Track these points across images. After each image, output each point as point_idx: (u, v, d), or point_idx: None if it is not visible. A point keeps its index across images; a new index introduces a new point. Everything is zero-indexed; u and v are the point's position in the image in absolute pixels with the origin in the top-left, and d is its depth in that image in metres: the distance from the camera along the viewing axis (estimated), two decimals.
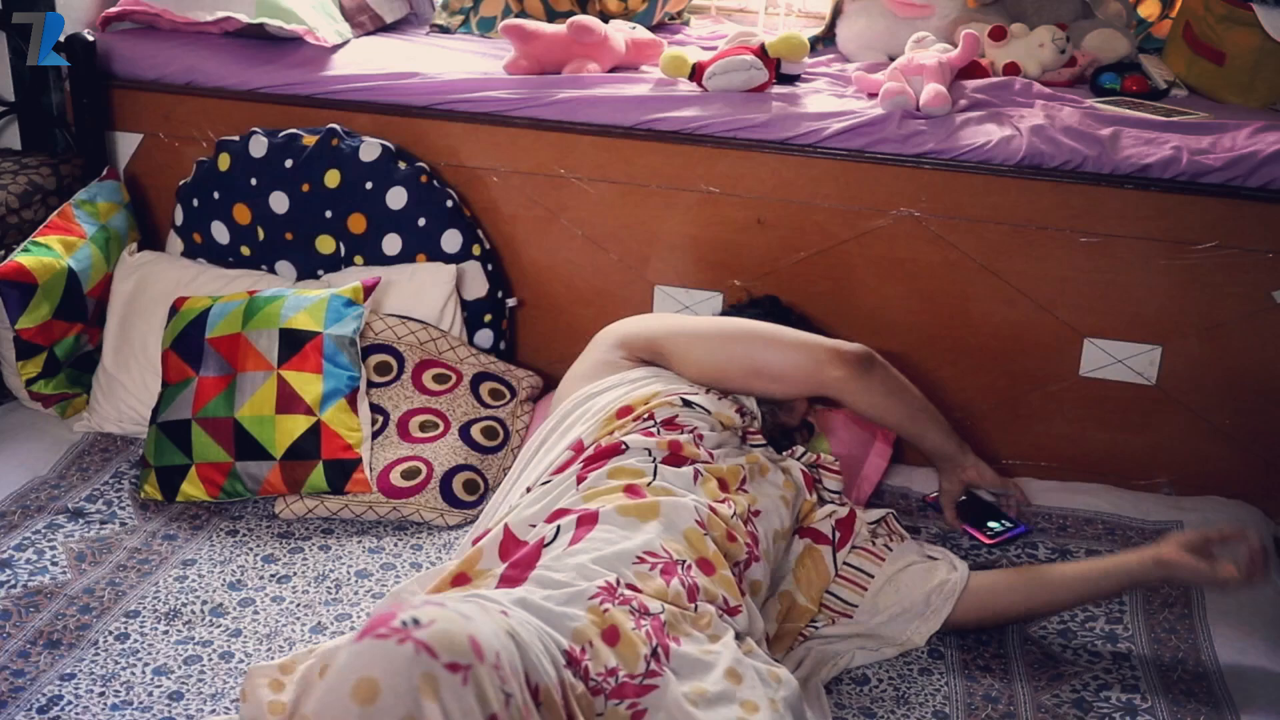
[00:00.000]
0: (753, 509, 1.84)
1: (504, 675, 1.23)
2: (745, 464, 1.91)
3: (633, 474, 1.76)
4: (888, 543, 1.99)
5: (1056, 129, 2.41)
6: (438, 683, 1.16)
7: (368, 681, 1.15)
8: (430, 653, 1.17)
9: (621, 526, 1.65)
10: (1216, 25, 2.68)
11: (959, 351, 2.50)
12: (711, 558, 1.67)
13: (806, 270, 2.51)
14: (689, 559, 1.64)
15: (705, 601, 1.61)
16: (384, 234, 2.54)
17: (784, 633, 1.90)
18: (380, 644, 1.18)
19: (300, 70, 2.68)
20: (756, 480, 1.92)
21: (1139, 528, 2.30)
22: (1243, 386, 2.39)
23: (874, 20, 2.91)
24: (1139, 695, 1.85)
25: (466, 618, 1.24)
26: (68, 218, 2.53)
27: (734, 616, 1.64)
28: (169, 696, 1.78)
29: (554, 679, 1.33)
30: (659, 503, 1.69)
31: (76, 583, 2.01)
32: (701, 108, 2.50)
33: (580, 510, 1.67)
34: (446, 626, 1.20)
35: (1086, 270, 2.38)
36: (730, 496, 1.82)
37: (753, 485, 1.90)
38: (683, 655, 1.50)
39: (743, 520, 1.79)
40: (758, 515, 1.84)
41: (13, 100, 2.73)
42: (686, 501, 1.72)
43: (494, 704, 1.20)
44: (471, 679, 1.19)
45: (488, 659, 1.21)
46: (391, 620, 1.20)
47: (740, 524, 1.78)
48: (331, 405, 2.26)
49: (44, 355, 2.45)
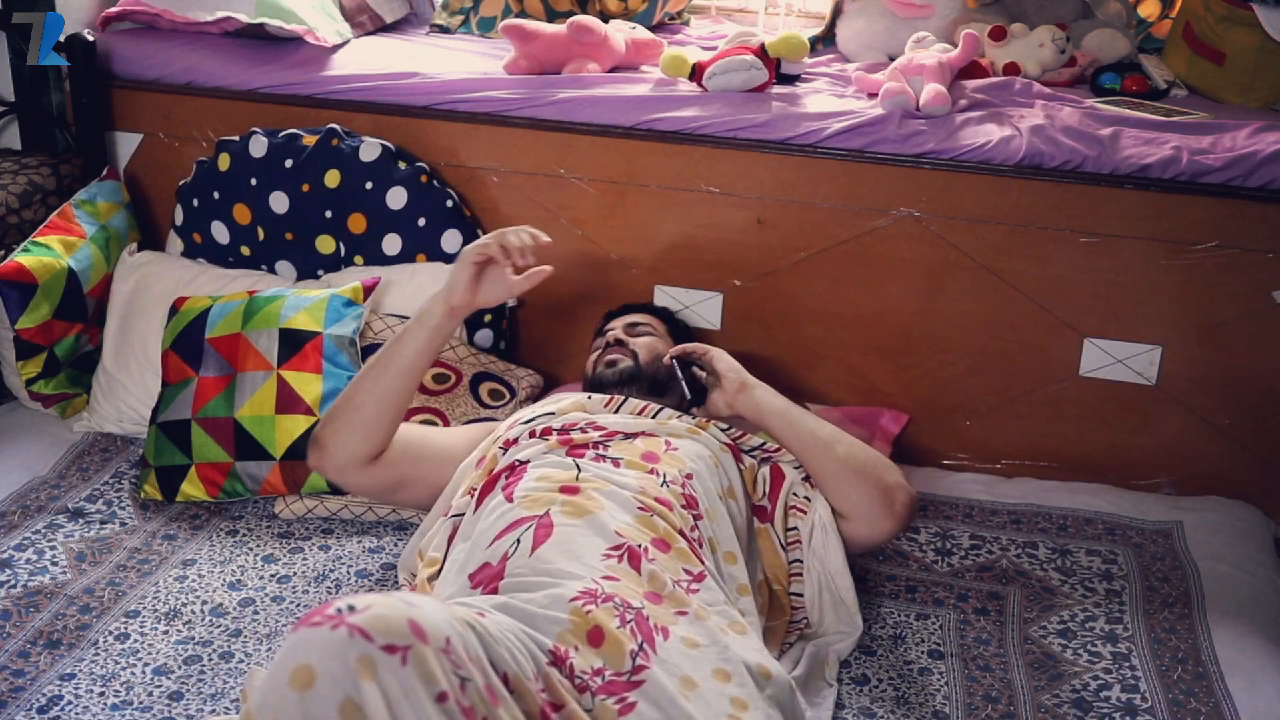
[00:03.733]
0: (684, 473, 1.84)
1: (457, 659, 1.23)
2: (660, 432, 1.93)
3: (560, 475, 1.78)
4: (808, 492, 1.97)
5: (1056, 129, 2.41)
6: (375, 664, 1.17)
7: (304, 668, 1.17)
8: (365, 636, 1.18)
9: (577, 526, 1.66)
10: (1216, 25, 2.68)
11: (959, 351, 2.50)
12: (663, 534, 1.69)
13: (806, 270, 2.51)
14: (644, 541, 1.66)
15: (670, 580, 1.62)
16: (384, 234, 2.54)
17: (773, 629, 1.89)
18: (315, 631, 1.19)
19: (300, 70, 2.68)
20: (680, 445, 1.91)
21: (1139, 528, 2.30)
22: (1243, 386, 2.39)
23: (874, 20, 2.91)
24: (1139, 695, 1.85)
25: (410, 604, 1.24)
26: (68, 218, 2.53)
27: (701, 582, 1.66)
28: (169, 696, 1.78)
29: (530, 671, 1.34)
30: (599, 497, 1.71)
31: (76, 583, 2.01)
32: (701, 108, 2.50)
33: (532, 516, 1.68)
34: (383, 611, 1.21)
35: (1086, 270, 2.38)
36: (658, 467, 1.83)
37: (680, 449, 1.90)
38: (669, 648, 1.50)
39: (679, 486, 1.80)
40: (691, 478, 1.84)
41: (13, 100, 2.73)
42: (625, 485, 1.75)
43: (442, 683, 1.20)
44: (412, 659, 1.19)
45: (433, 641, 1.22)
46: (327, 609, 1.21)
47: (677, 489, 1.79)
48: (331, 405, 2.25)
49: (44, 355, 2.45)
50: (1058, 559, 2.20)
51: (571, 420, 1.94)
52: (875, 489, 1.92)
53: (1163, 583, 2.14)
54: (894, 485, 1.93)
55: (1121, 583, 2.14)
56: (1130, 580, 2.14)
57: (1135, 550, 2.24)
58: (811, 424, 1.97)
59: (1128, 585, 2.13)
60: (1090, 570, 2.17)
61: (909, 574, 2.16)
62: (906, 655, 1.94)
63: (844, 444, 1.94)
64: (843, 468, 1.92)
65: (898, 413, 2.51)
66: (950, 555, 2.21)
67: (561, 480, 1.77)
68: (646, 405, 2.01)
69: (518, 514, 1.70)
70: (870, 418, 2.48)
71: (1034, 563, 2.19)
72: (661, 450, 1.89)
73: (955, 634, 1.99)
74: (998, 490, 2.42)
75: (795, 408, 2.00)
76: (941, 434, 2.55)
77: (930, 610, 2.06)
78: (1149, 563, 2.20)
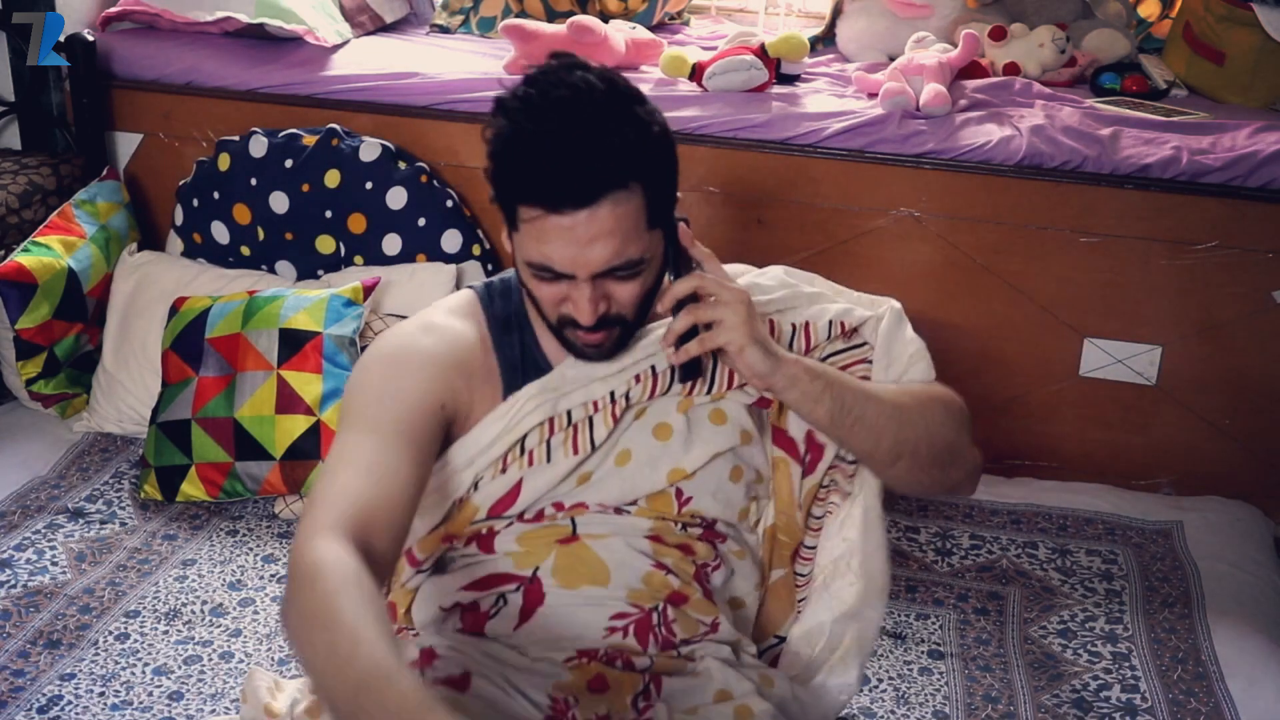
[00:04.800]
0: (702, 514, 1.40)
1: None
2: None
3: (552, 529, 1.36)
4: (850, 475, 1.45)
5: (1056, 129, 2.41)
6: None
7: None
8: None
9: (573, 597, 1.33)
10: (1216, 25, 2.68)
11: (960, 351, 2.50)
12: (680, 588, 1.36)
13: (806, 270, 2.50)
14: (659, 602, 1.34)
15: (685, 635, 1.35)
16: (384, 234, 2.54)
17: (778, 592, 1.49)
18: None
19: (300, 70, 2.68)
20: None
21: (1139, 528, 2.30)
22: (1243, 386, 2.39)
23: (874, 20, 2.91)
24: (1139, 695, 1.85)
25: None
26: (68, 218, 2.53)
27: (716, 633, 1.37)
28: (169, 696, 1.78)
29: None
30: (605, 562, 1.34)
31: (76, 583, 2.01)
32: (701, 108, 2.50)
33: (519, 577, 1.33)
34: None
35: (1086, 270, 2.38)
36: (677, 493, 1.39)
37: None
38: (673, 685, 1.32)
39: (699, 525, 1.40)
40: (689, 501, 1.38)
41: (13, 100, 2.73)
42: (632, 547, 1.35)
43: None
44: None
45: None
46: None
47: (696, 530, 1.39)
48: (331, 405, 2.25)
49: (44, 355, 2.45)
50: (1058, 559, 2.20)
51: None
52: (943, 489, 1.46)
53: (1163, 583, 2.14)
54: (962, 480, 1.46)
55: (1121, 583, 2.14)
56: (1130, 580, 2.15)
57: (1135, 550, 2.24)
58: (869, 435, 1.32)
59: (1128, 585, 2.13)
60: (1090, 570, 2.17)
61: (909, 574, 2.16)
62: (906, 655, 1.94)
63: (907, 457, 1.35)
64: (912, 476, 1.38)
65: None
66: (950, 555, 2.22)
67: (554, 535, 1.35)
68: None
69: (502, 567, 1.34)
70: None
71: (1034, 563, 2.19)
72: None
73: (955, 634, 1.99)
74: (998, 490, 2.42)
75: (844, 404, 1.30)
76: None
77: (930, 610, 2.06)
78: (1149, 563, 2.20)
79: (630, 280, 1.25)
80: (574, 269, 1.21)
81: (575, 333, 1.28)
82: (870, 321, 1.43)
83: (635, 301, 1.27)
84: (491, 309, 1.37)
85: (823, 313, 1.42)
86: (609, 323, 1.27)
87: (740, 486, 1.41)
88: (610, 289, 1.24)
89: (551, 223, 1.19)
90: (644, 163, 1.21)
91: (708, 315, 1.25)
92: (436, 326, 1.34)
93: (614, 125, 1.18)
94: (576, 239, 1.19)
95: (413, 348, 1.31)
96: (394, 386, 1.28)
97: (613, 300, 1.25)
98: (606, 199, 1.18)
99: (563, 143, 1.17)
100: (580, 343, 1.29)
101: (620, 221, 1.19)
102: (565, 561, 1.33)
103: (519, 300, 1.36)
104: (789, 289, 1.43)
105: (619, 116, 1.19)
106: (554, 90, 1.18)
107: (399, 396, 1.27)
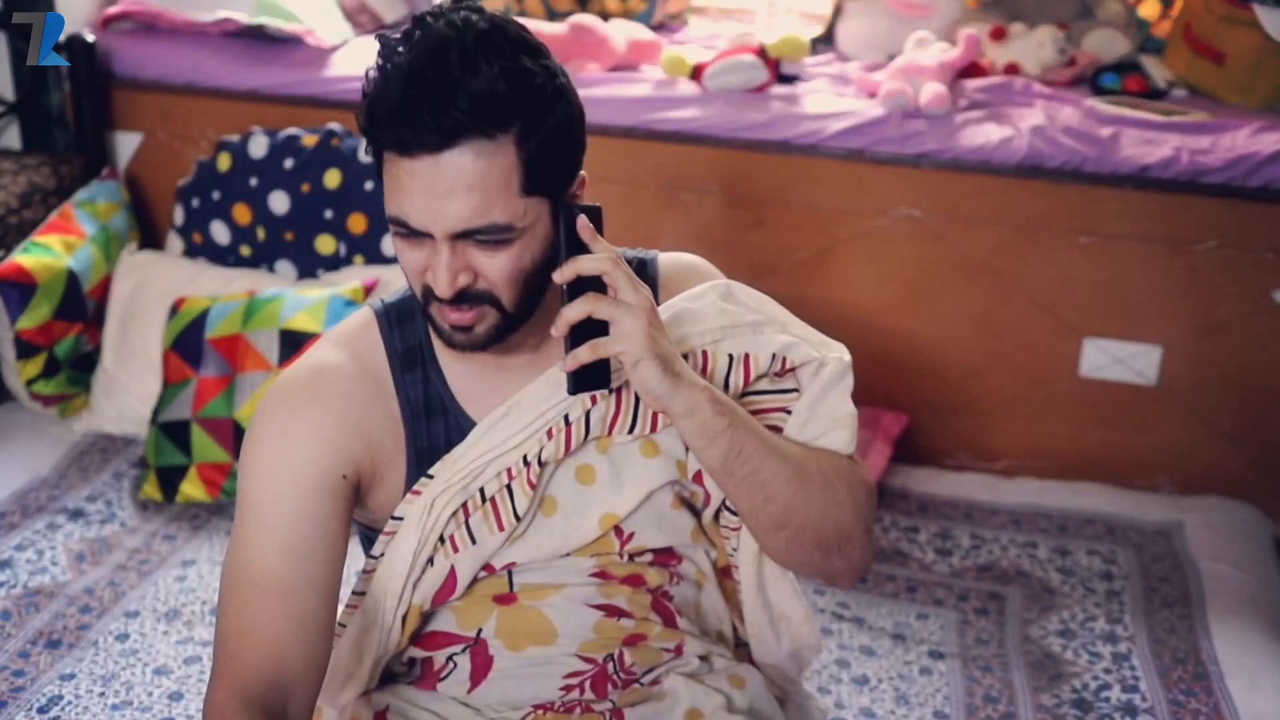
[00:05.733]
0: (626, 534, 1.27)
1: None
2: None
3: (488, 584, 1.25)
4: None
5: (1056, 129, 2.41)
6: None
7: None
8: None
9: (521, 659, 1.24)
10: (1216, 25, 2.68)
11: (959, 351, 2.50)
12: (635, 629, 1.26)
13: (806, 270, 2.51)
14: (614, 650, 1.25)
15: (647, 666, 1.27)
16: (384, 234, 2.54)
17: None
18: None
19: (300, 70, 2.68)
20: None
21: (1139, 528, 2.30)
22: (1243, 386, 2.39)
23: (874, 20, 2.91)
24: (1139, 695, 1.85)
25: None
26: (68, 218, 2.53)
27: (681, 656, 1.29)
28: (169, 696, 1.78)
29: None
30: (550, 619, 1.24)
31: (76, 583, 2.01)
32: (701, 108, 2.50)
33: (464, 638, 1.25)
34: None
35: (1086, 270, 2.38)
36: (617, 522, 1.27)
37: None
38: (637, 715, 1.26)
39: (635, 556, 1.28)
40: (630, 538, 1.27)
41: (13, 100, 2.73)
42: (576, 598, 1.25)
43: None
44: None
45: None
46: None
47: (646, 560, 1.29)
48: None
49: (44, 355, 2.45)
50: (1058, 559, 2.20)
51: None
52: (819, 573, 1.29)
53: (1163, 583, 2.14)
54: (844, 571, 1.27)
55: (1121, 583, 2.14)
56: (1130, 580, 2.15)
57: (1135, 550, 2.24)
58: (758, 493, 1.18)
59: (1128, 585, 2.13)
60: (1090, 570, 2.17)
61: (909, 574, 2.16)
62: (906, 655, 1.94)
63: (792, 530, 1.20)
64: (790, 551, 1.23)
65: (898, 414, 2.51)
66: (950, 555, 2.22)
67: (492, 587, 1.25)
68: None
69: (445, 625, 1.26)
70: (871, 418, 2.48)
71: (1034, 563, 2.19)
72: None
73: (955, 634, 1.99)
74: (998, 490, 2.42)
75: (741, 451, 1.16)
76: (942, 434, 2.55)
77: (930, 610, 2.06)
78: (1149, 563, 2.20)
79: (497, 250, 1.10)
80: (429, 225, 1.08)
81: (440, 308, 1.14)
82: (810, 365, 1.25)
83: (507, 279, 1.12)
84: (391, 340, 1.24)
85: (767, 344, 1.24)
86: (476, 298, 1.12)
87: (684, 512, 1.28)
88: (473, 258, 1.10)
89: (405, 167, 1.08)
90: (518, 115, 1.07)
91: (604, 309, 1.09)
92: (326, 373, 1.20)
93: (483, 67, 1.05)
94: (431, 189, 1.07)
95: (303, 415, 1.17)
96: (288, 475, 1.14)
97: (478, 274, 1.11)
98: (466, 146, 1.06)
99: (419, 79, 1.05)
100: (445, 322, 1.14)
101: (482, 178, 1.06)
102: (507, 624, 1.24)
103: (424, 324, 1.23)
104: (728, 316, 1.25)
105: (494, 59, 1.06)
106: (430, 27, 1.07)
107: (296, 486, 1.14)
